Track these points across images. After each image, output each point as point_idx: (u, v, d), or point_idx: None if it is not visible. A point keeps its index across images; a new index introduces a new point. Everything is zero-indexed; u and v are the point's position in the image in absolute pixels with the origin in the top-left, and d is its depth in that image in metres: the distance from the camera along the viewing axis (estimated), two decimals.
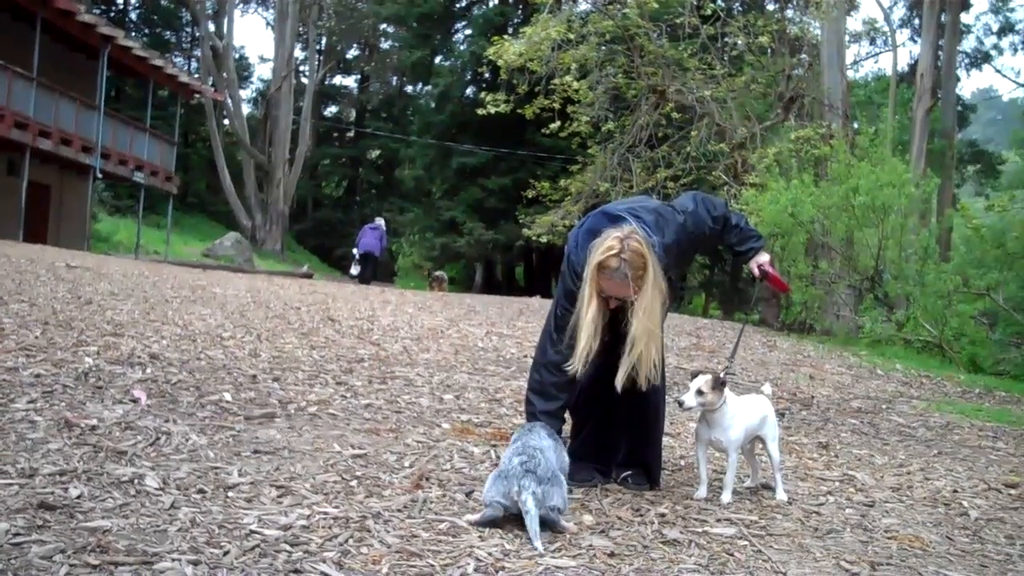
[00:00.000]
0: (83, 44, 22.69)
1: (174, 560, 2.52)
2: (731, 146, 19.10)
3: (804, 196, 13.48)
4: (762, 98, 21.76)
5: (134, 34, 35.59)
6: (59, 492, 2.99)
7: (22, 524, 2.66)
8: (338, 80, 53.38)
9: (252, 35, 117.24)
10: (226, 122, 39.39)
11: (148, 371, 5.23)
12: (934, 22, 25.24)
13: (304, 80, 43.57)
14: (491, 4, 37.51)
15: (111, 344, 5.98)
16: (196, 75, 36.11)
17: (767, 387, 4.29)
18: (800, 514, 3.69)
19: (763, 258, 3.89)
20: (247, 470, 3.52)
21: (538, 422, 3.52)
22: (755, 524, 3.47)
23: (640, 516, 3.45)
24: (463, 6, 38.71)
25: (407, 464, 3.89)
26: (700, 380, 3.68)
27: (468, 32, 37.34)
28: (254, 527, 2.87)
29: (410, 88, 47.90)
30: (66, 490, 3.02)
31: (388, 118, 47.44)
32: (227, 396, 4.81)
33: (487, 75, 25.81)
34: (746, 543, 3.21)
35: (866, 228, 13.51)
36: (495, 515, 3.13)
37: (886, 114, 22.81)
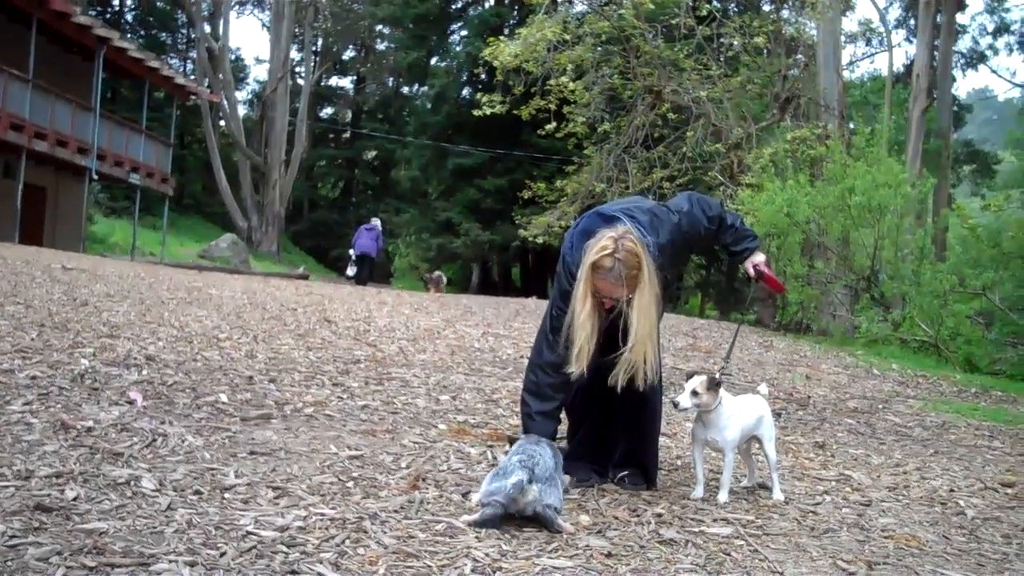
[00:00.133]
0: (79, 46, 22.69)
1: (171, 562, 2.52)
2: (727, 146, 19.11)
3: (800, 196, 13.49)
4: (758, 98, 21.77)
5: (130, 36, 35.54)
6: (55, 494, 2.99)
7: (18, 526, 2.65)
8: (334, 81, 53.45)
9: (248, 37, 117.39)
10: (222, 123, 39.34)
11: (144, 372, 5.22)
12: (930, 22, 25.26)
13: (300, 81, 43.57)
14: (487, 5, 37.58)
15: (107, 346, 5.97)
16: (192, 77, 36.12)
17: (763, 387, 4.29)
18: (797, 514, 3.70)
19: (759, 258, 3.88)
20: (243, 471, 3.51)
21: (544, 440, 3.52)
22: (752, 524, 3.47)
23: (637, 516, 3.46)
24: (459, 7, 38.75)
25: (404, 465, 3.89)
26: (695, 381, 3.68)
27: (464, 33, 37.37)
28: (251, 528, 2.86)
29: (406, 89, 47.88)
30: (62, 492, 3.01)
31: (384, 119, 47.42)
32: (223, 397, 4.81)
33: (483, 76, 25.77)
34: (743, 543, 3.21)
35: (862, 228, 13.52)
36: (493, 514, 3.12)
37: (882, 114, 22.82)
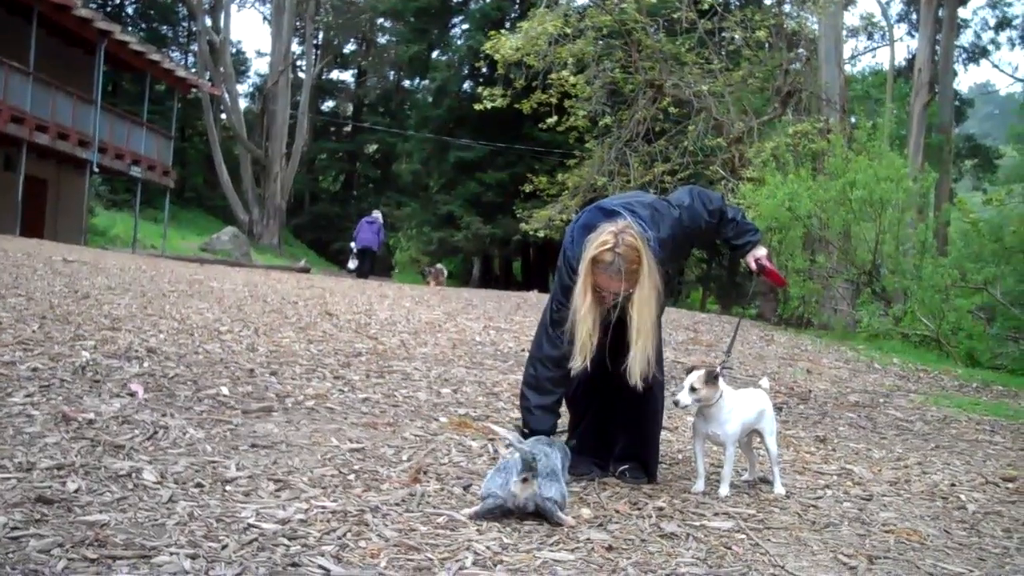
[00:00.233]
0: (80, 38, 22.64)
1: (172, 554, 2.52)
2: (728, 140, 19.09)
3: (801, 190, 13.47)
4: (759, 92, 21.75)
5: (131, 28, 35.46)
6: (57, 486, 2.99)
7: (20, 518, 2.65)
8: (335, 75, 53.38)
9: (249, 29, 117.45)
10: (223, 116, 39.34)
11: (145, 365, 5.22)
12: (931, 17, 25.20)
13: (301, 75, 43.51)
14: None
15: (108, 338, 5.97)
16: (193, 69, 36.05)
17: (765, 381, 4.28)
18: (798, 508, 3.70)
19: (760, 252, 3.87)
20: (245, 464, 3.51)
21: (556, 441, 3.51)
22: (753, 518, 3.47)
23: (638, 510, 3.46)
24: (460, 1, 38.66)
25: (405, 458, 3.89)
26: (693, 376, 3.68)
27: (465, 26, 37.26)
28: (252, 521, 2.87)
29: (407, 82, 47.84)
30: (64, 484, 3.02)
31: (385, 112, 47.42)
32: (224, 390, 4.81)
33: (484, 70, 25.79)
34: (744, 536, 3.21)
35: (863, 222, 13.50)
36: (493, 506, 3.12)
37: (884, 109, 22.77)
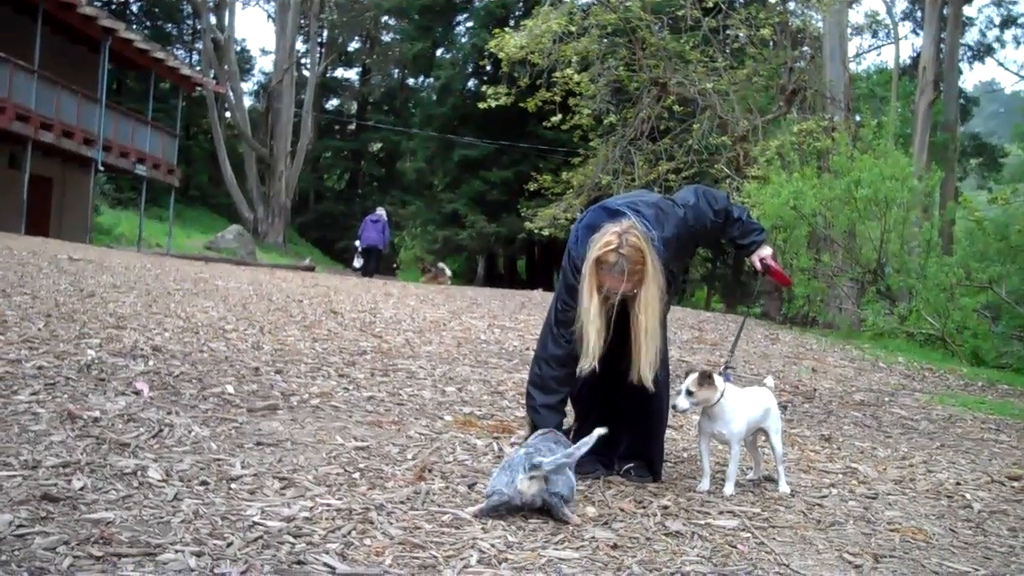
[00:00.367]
0: (84, 37, 22.67)
1: (177, 552, 2.52)
2: (733, 139, 19.08)
3: (806, 189, 13.45)
4: (764, 91, 21.74)
5: (135, 27, 35.47)
6: (62, 484, 2.99)
7: (25, 516, 2.66)
8: (340, 73, 53.38)
9: (253, 27, 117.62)
10: (228, 115, 39.36)
11: (151, 363, 5.23)
12: (936, 15, 25.14)
13: (306, 73, 43.49)
14: None
15: (114, 336, 5.98)
16: (198, 68, 36.05)
17: (769, 380, 4.28)
18: (803, 506, 3.69)
19: (765, 252, 3.87)
20: (250, 462, 3.52)
21: (561, 438, 3.51)
22: (758, 516, 3.47)
23: (643, 508, 3.45)
24: None
25: (410, 456, 3.89)
26: (688, 380, 3.67)
27: (469, 24, 37.25)
28: (257, 519, 2.87)
29: (412, 81, 47.91)
30: (69, 482, 3.02)
31: (390, 111, 47.44)
32: (230, 388, 4.82)
33: (488, 68, 25.76)
34: (749, 535, 3.21)
35: (868, 221, 13.48)
36: (498, 503, 3.12)
37: (888, 107, 22.76)
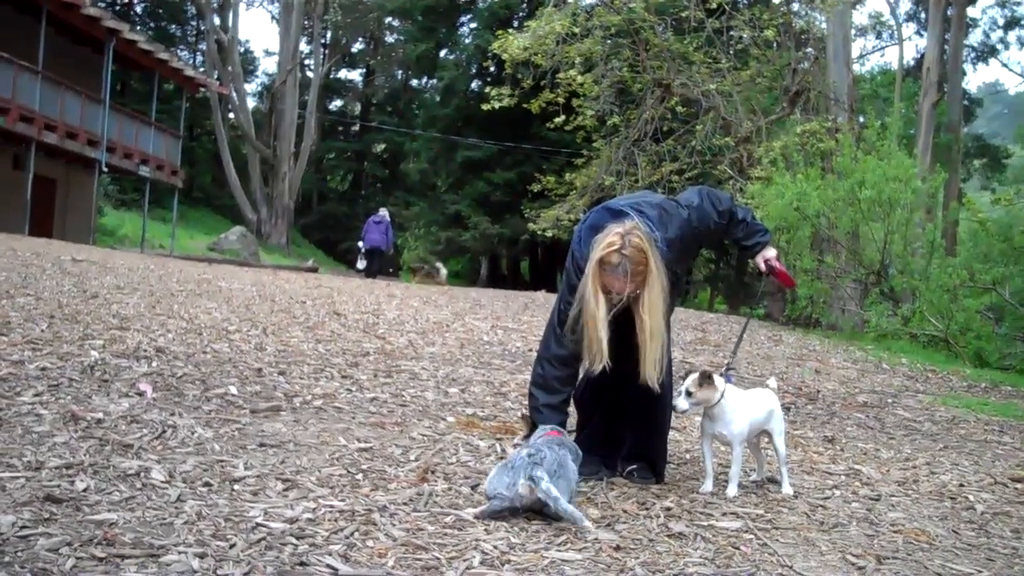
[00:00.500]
0: (88, 37, 22.72)
1: (180, 553, 2.52)
2: (736, 140, 19.06)
3: (810, 190, 13.43)
4: (768, 92, 21.72)
5: (139, 27, 35.56)
6: (65, 485, 3.00)
7: (28, 517, 2.66)
8: (343, 74, 53.48)
9: (257, 29, 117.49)
10: (231, 116, 39.39)
11: (154, 364, 5.24)
12: (940, 16, 25.17)
13: (309, 74, 43.57)
14: None
15: (117, 337, 5.99)
16: (201, 69, 36.10)
17: (772, 381, 4.27)
18: (806, 508, 3.69)
19: (769, 253, 3.87)
20: (253, 463, 3.52)
21: (566, 441, 3.51)
22: (761, 518, 3.46)
23: (646, 510, 3.45)
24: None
25: (413, 457, 3.89)
26: (687, 381, 3.67)
27: (473, 25, 37.29)
28: (260, 520, 2.87)
29: (415, 82, 47.95)
30: (72, 483, 3.02)
31: (393, 112, 47.48)
32: (233, 389, 4.82)
33: (492, 69, 25.77)
34: (752, 536, 3.21)
35: (872, 222, 13.45)
36: (500, 508, 3.12)
37: (892, 108, 22.74)
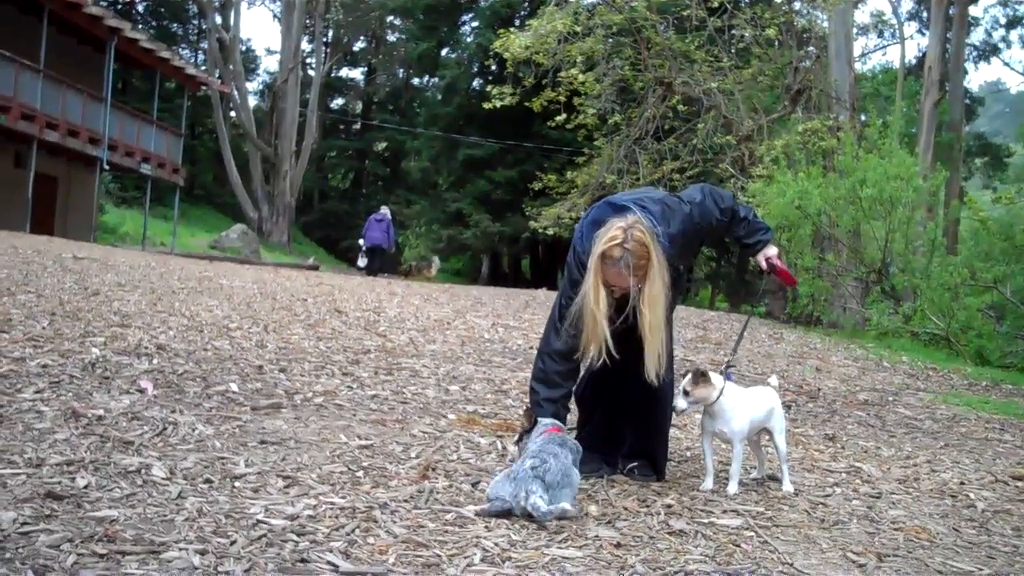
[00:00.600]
0: (90, 36, 22.71)
1: (181, 549, 2.52)
2: (738, 138, 19.05)
3: (811, 188, 13.42)
4: (769, 90, 21.71)
5: (141, 26, 35.51)
6: (66, 482, 3.00)
7: (29, 513, 2.66)
8: (345, 72, 53.44)
9: (259, 27, 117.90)
10: (233, 114, 39.35)
11: (155, 362, 5.24)
12: (942, 15, 25.14)
13: (311, 72, 43.53)
14: None
15: (118, 335, 5.99)
16: (203, 67, 36.10)
17: (773, 379, 4.27)
18: (807, 505, 3.69)
19: (771, 251, 3.87)
20: (254, 460, 3.52)
21: (568, 439, 3.51)
22: (762, 515, 3.47)
23: (646, 507, 3.45)
24: None
25: (413, 455, 3.90)
26: (684, 381, 3.69)
27: (475, 24, 37.22)
28: (261, 517, 2.87)
29: (416, 80, 47.88)
30: (73, 480, 3.03)
31: (394, 110, 47.43)
32: (234, 387, 4.82)
33: (494, 67, 25.72)
34: (753, 534, 3.21)
35: (873, 220, 13.44)
36: (501, 509, 3.13)
37: (894, 107, 22.74)
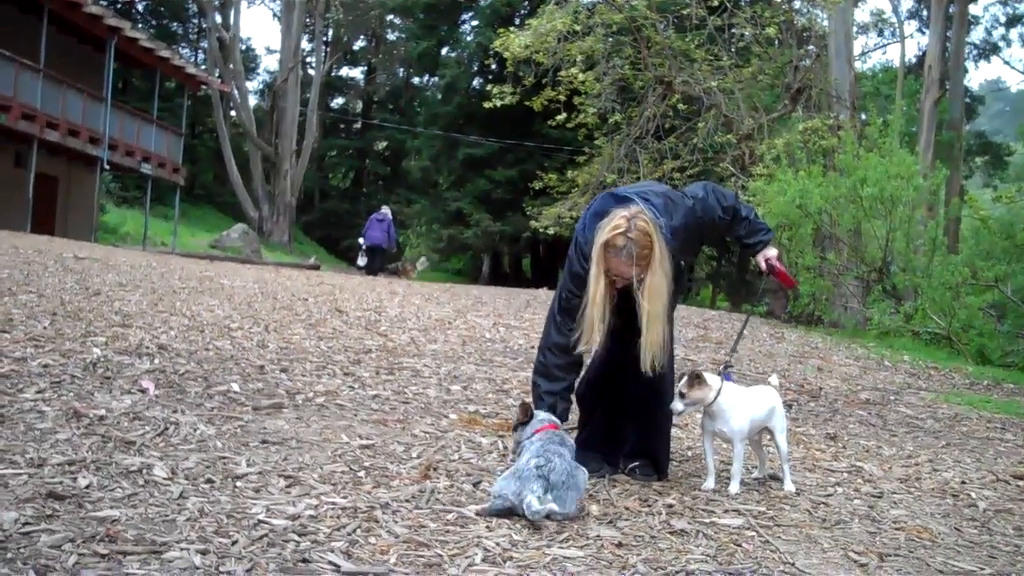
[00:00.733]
0: (90, 35, 22.70)
1: (182, 549, 2.52)
2: (738, 137, 19.04)
3: (812, 187, 13.41)
4: (769, 89, 21.69)
5: (141, 25, 35.51)
6: (68, 482, 3.00)
7: (31, 513, 2.67)
8: (345, 71, 53.40)
9: (259, 26, 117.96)
10: (233, 114, 39.33)
11: (156, 361, 5.24)
12: (942, 13, 25.13)
13: (311, 71, 43.53)
14: None
15: (119, 335, 5.99)
16: (203, 66, 36.10)
17: (774, 378, 4.27)
18: (808, 505, 3.69)
19: (771, 252, 3.87)
20: (255, 460, 3.52)
21: (567, 439, 3.51)
22: (763, 515, 3.47)
23: (648, 507, 3.45)
24: None
25: (415, 454, 3.90)
26: (680, 383, 3.70)
27: (475, 23, 37.20)
28: (262, 517, 2.87)
29: (417, 79, 47.84)
30: (75, 480, 3.03)
31: (395, 109, 47.38)
32: (235, 387, 4.82)
33: (494, 67, 25.69)
34: (754, 534, 3.21)
35: (874, 219, 13.43)
36: (502, 507, 3.13)
37: (894, 106, 22.74)
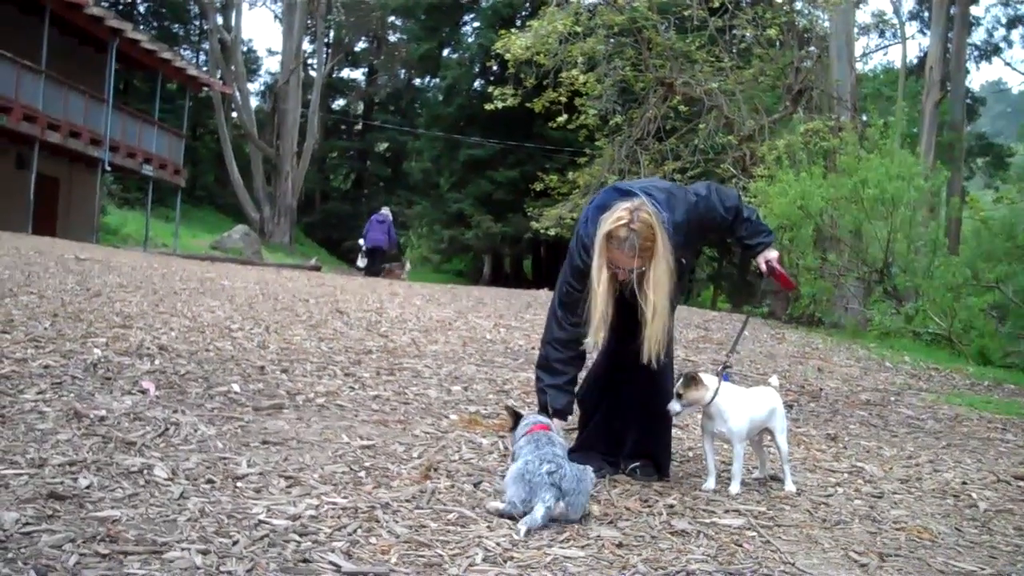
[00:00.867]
0: (92, 37, 22.73)
1: (183, 550, 2.53)
2: (739, 138, 19.03)
3: (813, 188, 13.41)
4: (770, 90, 21.69)
5: (142, 27, 35.50)
6: (68, 482, 3.00)
7: (32, 514, 2.67)
8: (346, 73, 53.38)
9: (260, 28, 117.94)
10: (234, 115, 39.37)
11: (157, 362, 5.24)
12: (943, 14, 25.10)
13: (312, 73, 43.53)
14: None
15: (120, 336, 5.99)
16: (204, 68, 36.10)
17: (774, 379, 4.27)
18: (809, 505, 3.69)
19: (772, 254, 3.87)
20: (256, 461, 3.52)
21: (556, 437, 3.50)
22: (764, 515, 3.47)
23: (648, 507, 3.46)
24: None
25: (415, 455, 3.90)
26: (676, 384, 3.72)
27: (476, 25, 37.24)
28: (263, 517, 2.88)
29: (418, 81, 47.86)
30: (75, 480, 3.03)
31: (396, 111, 47.42)
32: (236, 387, 4.83)
33: (495, 68, 25.74)
34: (755, 534, 3.21)
35: (875, 220, 13.43)
36: (509, 512, 3.13)
37: (895, 107, 22.73)
